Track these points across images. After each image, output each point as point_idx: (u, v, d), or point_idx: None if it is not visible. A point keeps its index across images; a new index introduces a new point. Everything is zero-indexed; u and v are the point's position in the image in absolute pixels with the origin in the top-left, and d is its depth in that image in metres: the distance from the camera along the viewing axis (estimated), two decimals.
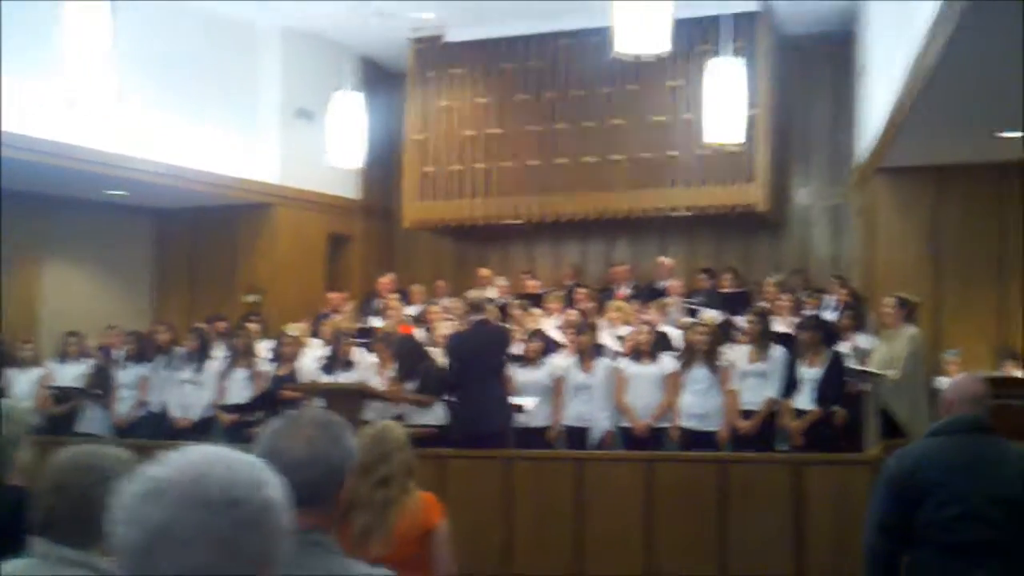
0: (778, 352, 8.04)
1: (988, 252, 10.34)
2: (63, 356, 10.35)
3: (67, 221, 11.98)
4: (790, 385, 7.88)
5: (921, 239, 10.58)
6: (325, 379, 9.24)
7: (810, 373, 7.78)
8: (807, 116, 13.11)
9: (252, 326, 10.41)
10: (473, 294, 8.46)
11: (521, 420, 8.22)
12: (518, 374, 8.68)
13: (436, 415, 8.64)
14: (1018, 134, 8.87)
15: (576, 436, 8.38)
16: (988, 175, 10.27)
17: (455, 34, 13.08)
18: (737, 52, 10.67)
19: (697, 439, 8.01)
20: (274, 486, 1.47)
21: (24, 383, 9.99)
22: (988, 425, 3.94)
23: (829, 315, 9.56)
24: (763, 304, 9.49)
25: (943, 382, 8.74)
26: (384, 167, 14.39)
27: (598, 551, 7.14)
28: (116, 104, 8.25)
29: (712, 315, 9.69)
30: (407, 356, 8.96)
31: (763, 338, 8.10)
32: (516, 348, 8.85)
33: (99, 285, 12.74)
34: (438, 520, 4.22)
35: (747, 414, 7.97)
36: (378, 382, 9.07)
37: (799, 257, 12.97)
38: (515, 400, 8.23)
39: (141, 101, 10.62)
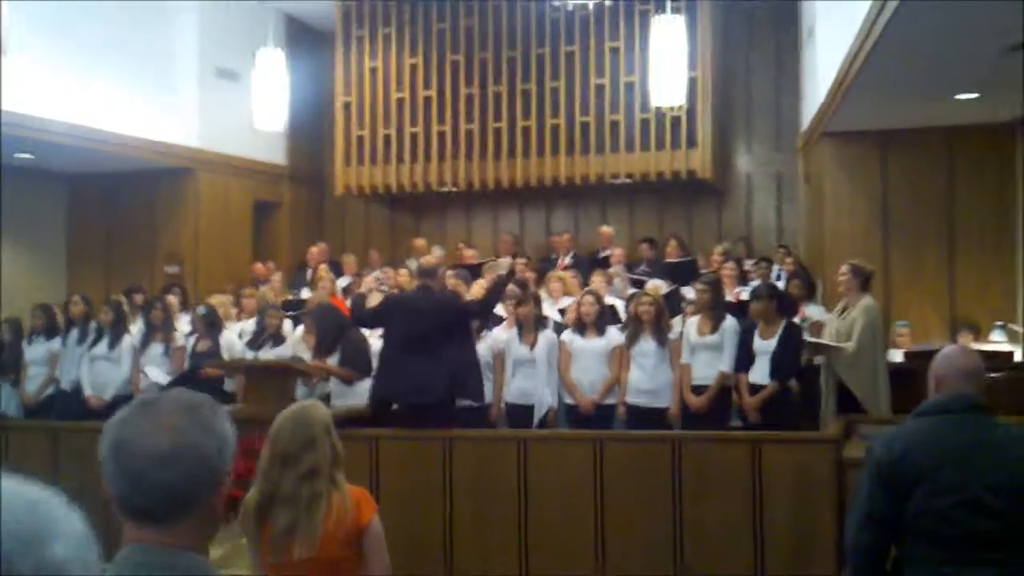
0: (730, 323, 7.63)
1: (937, 219, 10.09)
2: None
3: None
4: (743, 358, 7.48)
5: (869, 206, 10.29)
6: (250, 355, 8.68)
7: (764, 345, 7.38)
8: (749, 80, 12.81)
9: (171, 298, 9.81)
10: (426, 259, 7.94)
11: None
12: None
13: (360, 394, 8.13)
14: (974, 95, 8.60)
15: (519, 414, 7.91)
16: (937, 139, 10.01)
17: None
18: (676, 12, 10.25)
19: (646, 416, 7.58)
20: (67, 539, 1.20)
21: None
22: (984, 404, 3.54)
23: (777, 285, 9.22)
24: (712, 273, 9.11)
25: (895, 355, 8.51)
26: (312, 131, 13.87)
27: (545, 538, 6.71)
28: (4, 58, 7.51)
29: (657, 284, 9.30)
30: (327, 328, 8.43)
31: (715, 308, 7.67)
32: None
33: (8, 255, 11.96)
34: (371, 517, 3.74)
35: (698, 390, 7.55)
36: (308, 357, 8.56)
37: (742, 226, 12.68)
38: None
39: (44, 58, 9.93)
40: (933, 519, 3.37)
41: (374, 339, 8.79)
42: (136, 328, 9.38)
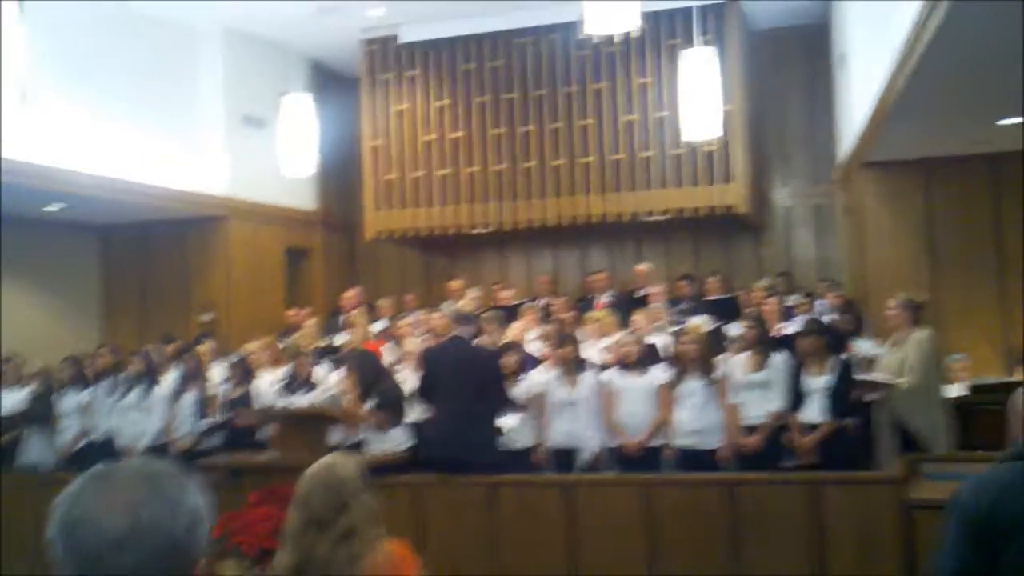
0: (779, 360, 7.36)
1: (984, 248, 9.82)
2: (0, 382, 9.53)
3: (2, 239, 11.13)
4: (795, 396, 7.20)
5: (913, 237, 10.03)
6: (282, 402, 8.51)
7: (817, 383, 7.11)
8: (783, 112, 12.62)
9: (203, 347, 9.66)
10: (461, 305, 7.77)
11: (502, 442, 7.51)
12: None
13: (395, 439, 7.94)
14: (1018, 120, 8.35)
15: (563, 458, 7.67)
16: (981, 166, 9.76)
17: (408, 34, 12.43)
18: (707, 44, 10.09)
19: (696, 458, 7.32)
20: (191, 490, 1.33)
21: None
22: None
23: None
24: (756, 308, 8.86)
25: (951, 389, 8.20)
26: (342, 176, 13.76)
27: None
28: (22, 107, 7.43)
29: (699, 322, 9.07)
30: (363, 374, 8.28)
31: (762, 345, 7.41)
32: None
33: (42, 306, 11.89)
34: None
35: (748, 430, 7.28)
36: (344, 403, 8.39)
37: (781, 260, 12.42)
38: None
39: (71, 109, 9.87)
40: None
41: (412, 383, 8.61)
42: (170, 377, 9.23)
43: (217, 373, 9.41)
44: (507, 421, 7.66)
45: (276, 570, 3.48)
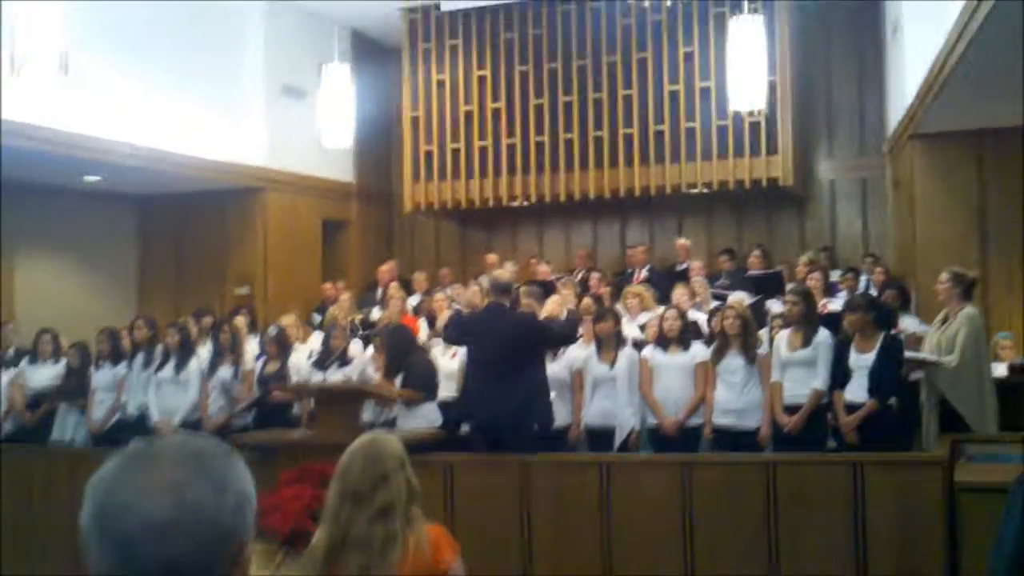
0: (823, 336, 7.14)
1: None
2: (35, 356, 9.51)
3: (41, 210, 11.14)
4: (838, 374, 6.99)
5: (964, 211, 9.73)
6: (317, 376, 8.43)
7: (862, 360, 6.89)
8: (830, 82, 12.33)
9: (239, 320, 9.60)
10: (499, 273, 7.59)
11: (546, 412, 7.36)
12: None
13: (426, 416, 7.85)
14: None
15: (599, 436, 7.52)
16: None
17: (450, 2, 12.24)
18: (753, 12, 9.83)
19: (735, 438, 7.13)
20: (238, 470, 1.39)
21: None
22: None
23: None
24: (801, 283, 8.64)
25: (998, 368, 7.94)
26: (380, 147, 13.68)
27: (630, 569, 6.32)
28: (61, 77, 7.36)
29: (740, 297, 8.87)
30: (394, 349, 8.17)
31: (806, 321, 7.19)
32: None
33: (78, 279, 11.93)
34: (451, 559, 3.40)
35: (790, 409, 7.07)
36: (377, 377, 8.31)
37: (825, 235, 12.18)
38: None
39: (110, 80, 9.81)
40: None
41: (445, 360, 8.50)
42: (205, 351, 9.17)
43: (253, 347, 9.36)
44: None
45: (314, 547, 3.39)
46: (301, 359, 8.95)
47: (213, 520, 1.36)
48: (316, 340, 9.51)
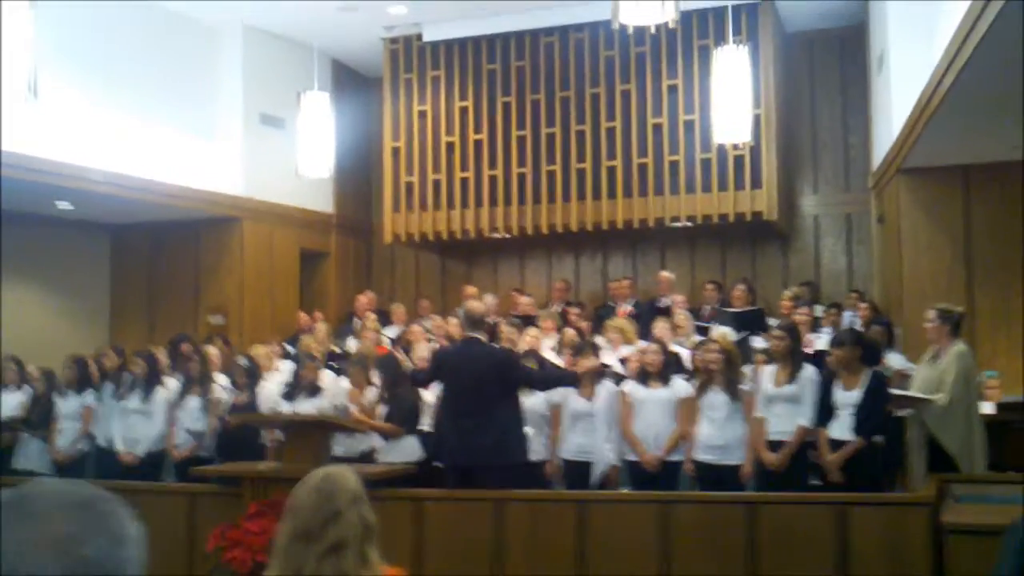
0: (809, 373, 6.96)
1: None
2: (1, 383, 9.26)
3: (12, 236, 10.90)
4: (824, 411, 6.80)
5: (950, 246, 9.60)
6: (286, 407, 8.20)
7: (846, 397, 6.70)
8: (814, 116, 12.23)
9: (211, 349, 9.37)
10: (472, 306, 7.39)
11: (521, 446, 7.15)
12: None
13: (407, 449, 7.64)
14: None
15: (576, 472, 7.30)
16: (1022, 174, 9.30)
17: (432, 33, 12.13)
18: (738, 45, 9.73)
19: (716, 474, 6.93)
20: (110, 537, 1.14)
21: None
22: None
23: None
24: (787, 319, 8.47)
25: (985, 407, 7.77)
26: (360, 178, 13.52)
27: None
28: (31, 101, 7.16)
29: (724, 332, 8.69)
30: (388, 377, 8.03)
31: (792, 357, 7.01)
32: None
33: (50, 306, 11.67)
34: None
35: (773, 446, 6.87)
36: (351, 409, 8.09)
37: (809, 270, 12.04)
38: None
39: (83, 105, 9.65)
40: None
41: (429, 394, 8.30)
42: (173, 381, 8.93)
43: (224, 377, 9.13)
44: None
45: None
46: (271, 389, 8.72)
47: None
48: (288, 371, 9.28)
